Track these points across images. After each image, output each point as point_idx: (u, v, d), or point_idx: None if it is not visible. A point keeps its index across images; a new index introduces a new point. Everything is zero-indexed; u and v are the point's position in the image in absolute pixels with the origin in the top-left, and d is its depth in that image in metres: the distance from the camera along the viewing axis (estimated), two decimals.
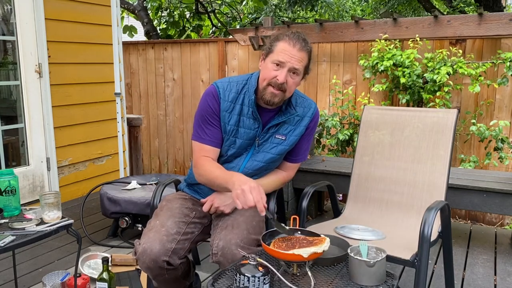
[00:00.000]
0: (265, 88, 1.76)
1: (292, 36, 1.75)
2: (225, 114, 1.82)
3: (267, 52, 1.78)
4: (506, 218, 3.80)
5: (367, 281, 1.40)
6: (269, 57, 1.76)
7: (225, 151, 1.87)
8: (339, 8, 10.15)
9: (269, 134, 1.87)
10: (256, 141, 1.86)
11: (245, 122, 1.83)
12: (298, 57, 1.74)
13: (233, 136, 1.84)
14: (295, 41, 1.74)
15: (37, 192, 3.78)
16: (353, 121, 4.21)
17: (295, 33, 1.77)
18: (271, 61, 1.75)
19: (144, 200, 2.94)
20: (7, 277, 2.60)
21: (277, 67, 1.74)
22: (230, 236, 1.71)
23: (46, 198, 1.87)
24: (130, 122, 4.66)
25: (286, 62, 1.72)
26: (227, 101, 1.82)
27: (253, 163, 1.87)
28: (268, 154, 1.88)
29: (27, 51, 3.66)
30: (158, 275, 1.76)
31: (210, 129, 1.84)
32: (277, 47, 1.75)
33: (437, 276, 2.70)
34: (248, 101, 1.82)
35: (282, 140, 1.88)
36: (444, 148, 2.21)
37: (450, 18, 3.76)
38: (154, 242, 1.71)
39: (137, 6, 7.65)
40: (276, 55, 1.74)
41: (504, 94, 3.79)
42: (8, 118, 3.71)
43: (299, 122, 1.90)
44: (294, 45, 1.73)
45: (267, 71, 1.76)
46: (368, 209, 2.33)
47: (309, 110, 1.92)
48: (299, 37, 1.76)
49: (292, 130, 1.89)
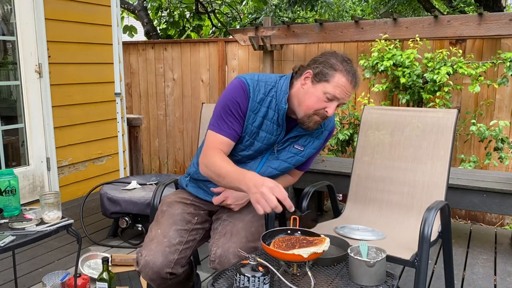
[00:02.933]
0: (310, 116, 1.70)
1: (350, 70, 1.67)
2: (250, 114, 1.74)
3: (320, 79, 1.67)
4: (506, 218, 3.80)
5: (367, 281, 1.40)
6: (323, 85, 1.66)
7: (241, 151, 1.80)
8: (339, 8, 10.15)
9: (288, 143, 1.83)
10: (275, 147, 1.82)
11: (268, 126, 1.77)
12: (350, 93, 1.69)
13: (253, 138, 1.77)
14: (352, 76, 1.67)
15: (37, 192, 3.78)
16: (353, 121, 4.21)
17: (351, 66, 1.69)
18: (324, 91, 1.66)
19: (144, 200, 2.94)
20: (7, 277, 2.60)
21: (328, 100, 1.67)
22: (228, 245, 1.70)
23: (46, 198, 1.87)
24: (130, 122, 4.66)
25: (340, 99, 1.67)
26: (255, 102, 1.73)
27: (268, 169, 1.83)
28: (284, 163, 1.84)
29: (27, 51, 3.66)
30: (161, 284, 1.75)
31: (232, 122, 1.73)
32: (335, 79, 1.65)
33: (437, 276, 2.70)
34: (276, 106, 1.74)
35: (300, 151, 1.85)
36: (444, 148, 2.21)
37: (450, 18, 3.76)
38: (156, 254, 1.70)
39: (137, 6, 7.65)
40: (333, 89, 1.65)
41: (504, 94, 3.79)
42: (8, 118, 3.72)
43: (320, 134, 1.87)
44: (351, 81, 1.67)
45: (317, 100, 1.68)
46: (368, 209, 2.34)
47: (329, 122, 1.90)
48: (354, 71, 1.69)
49: (311, 142, 1.86)
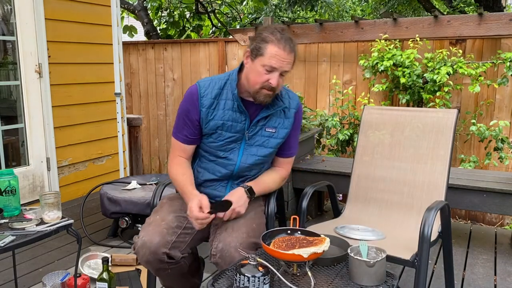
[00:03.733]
0: (258, 91, 1.77)
1: (281, 38, 1.72)
2: (208, 111, 1.84)
3: (256, 54, 1.75)
4: (506, 218, 3.80)
5: (367, 281, 1.40)
6: (259, 60, 1.74)
7: (210, 143, 1.88)
8: (339, 8, 10.15)
9: (259, 128, 1.87)
10: (246, 134, 1.86)
11: (231, 115, 1.84)
12: (288, 60, 1.74)
13: (220, 129, 1.85)
14: (285, 43, 1.72)
15: (37, 192, 3.78)
16: (353, 121, 4.21)
17: (282, 34, 1.74)
18: (261, 65, 1.73)
19: (144, 200, 2.94)
20: (7, 277, 2.60)
21: (268, 72, 1.73)
22: (229, 239, 1.71)
23: (46, 198, 1.87)
24: (130, 122, 4.66)
25: (279, 67, 1.72)
26: (210, 98, 1.84)
27: (248, 157, 1.88)
28: (262, 147, 1.88)
29: (27, 51, 3.66)
30: (160, 269, 1.76)
31: (184, 128, 1.89)
32: (267, 50, 1.71)
33: (437, 276, 2.70)
34: (232, 95, 1.83)
35: (272, 133, 1.88)
36: (444, 148, 2.21)
37: (450, 18, 3.76)
38: (153, 234, 1.71)
39: (137, 6, 7.65)
40: (268, 60, 1.71)
41: (504, 94, 3.79)
42: (8, 118, 3.71)
43: (287, 113, 1.91)
44: (284, 48, 1.71)
45: (258, 74, 1.74)
46: (368, 209, 2.33)
47: (294, 101, 1.94)
48: (287, 38, 1.74)
49: (281, 123, 1.90)
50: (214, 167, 1.90)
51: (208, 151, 1.90)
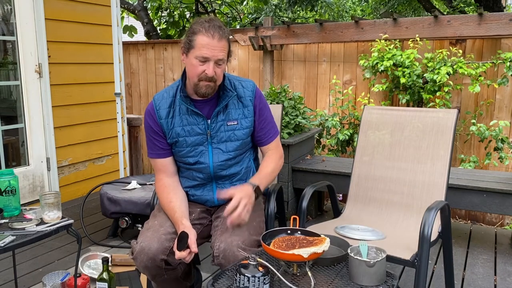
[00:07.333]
0: (197, 83, 1.76)
1: (209, 27, 1.71)
2: (167, 121, 1.85)
3: (188, 47, 1.74)
4: (506, 218, 3.80)
5: (367, 281, 1.40)
6: (191, 52, 1.73)
7: (179, 152, 1.87)
8: (339, 8, 10.15)
9: (219, 124, 1.85)
10: (208, 134, 1.85)
11: (188, 119, 1.84)
12: (220, 47, 1.72)
13: (182, 136, 1.85)
14: (213, 31, 1.70)
15: (37, 192, 3.78)
16: (353, 121, 4.21)
17: (210, 22, 1.73)
18: (194, 57, 1.72)
19: (144, 200, 2.94)
20: (7, 277, 2.60)
21: (202, 62, 1.73)
22: (231, 238, 1.70)
23: (46, 198, 1.88)
24: (130, 122, 4.66)
25: (211, 56, 1.71)
26: (165, 108, 1.85)
27: (219, 155, 1.86)
28: (229, 142, 1.87)
29: (27, 51, 3.66)
30: (157, 275, 1.75)
31: (154, 144, 1.89)
32: (197, 41, 1.71)
33: (437, 276, 2.70)
34: (184, 99, 1.84)
35: (235, 125, 1.87)
36: (444, 148, 2.21)
37: (450, 18, 3.76)
38: (152, 240, 1.71)
39: (137, 6, 7.65)
40: (199, 50, 1.71)
41: (504, 94, 3.79)
42: (8, 118, 3.71)
43: (243, 102, 1.89)
44: (213, 36, 1.70)
45: (194, 67, 1.74)
46: (368, 209, 2.33)
47: (247, 88, 1.91)
48: (215, 26, 1.72)
49: (241, 114, 1.88)
50: (191, 173, 1.91)
51: (180, 160, 1.90)
